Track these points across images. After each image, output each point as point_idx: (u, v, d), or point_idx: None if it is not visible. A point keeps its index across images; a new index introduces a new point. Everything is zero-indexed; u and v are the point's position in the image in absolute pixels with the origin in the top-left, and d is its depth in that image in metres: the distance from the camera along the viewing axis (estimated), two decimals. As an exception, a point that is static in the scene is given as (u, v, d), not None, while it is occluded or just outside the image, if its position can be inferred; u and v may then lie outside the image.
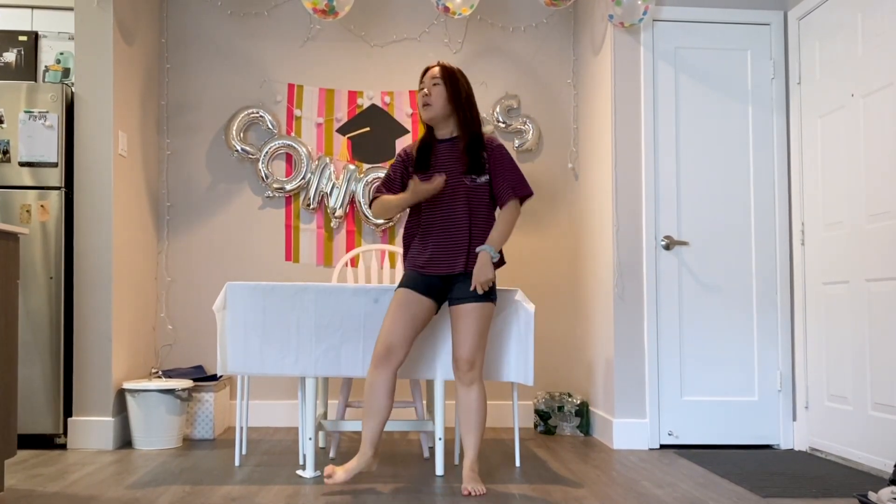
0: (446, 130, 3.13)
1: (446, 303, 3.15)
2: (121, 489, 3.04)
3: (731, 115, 4.15)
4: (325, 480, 2.97)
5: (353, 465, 3.01)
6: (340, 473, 2.98)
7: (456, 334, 3.04)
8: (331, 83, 4.75)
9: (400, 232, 4.69)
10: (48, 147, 3.86)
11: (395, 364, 3.02)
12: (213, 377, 4.32)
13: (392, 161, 3.21)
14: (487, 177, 3.09)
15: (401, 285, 3.08)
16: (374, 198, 3.17)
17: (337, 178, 4.65)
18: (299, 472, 3.33)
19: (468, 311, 3.01)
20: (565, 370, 4.75)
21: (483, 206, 3.10)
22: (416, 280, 3.06)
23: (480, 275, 2.99)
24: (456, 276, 3.06)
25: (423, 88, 3.10)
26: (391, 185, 3.17)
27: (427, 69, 3.13)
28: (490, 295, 3.04)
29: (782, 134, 4.15)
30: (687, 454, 3.85)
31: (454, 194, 3.06)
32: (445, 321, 3.30)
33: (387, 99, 4.74)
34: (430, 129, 3.17)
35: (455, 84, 3.08)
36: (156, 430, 3.88)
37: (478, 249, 3.03)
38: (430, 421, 3.47)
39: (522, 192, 3.11)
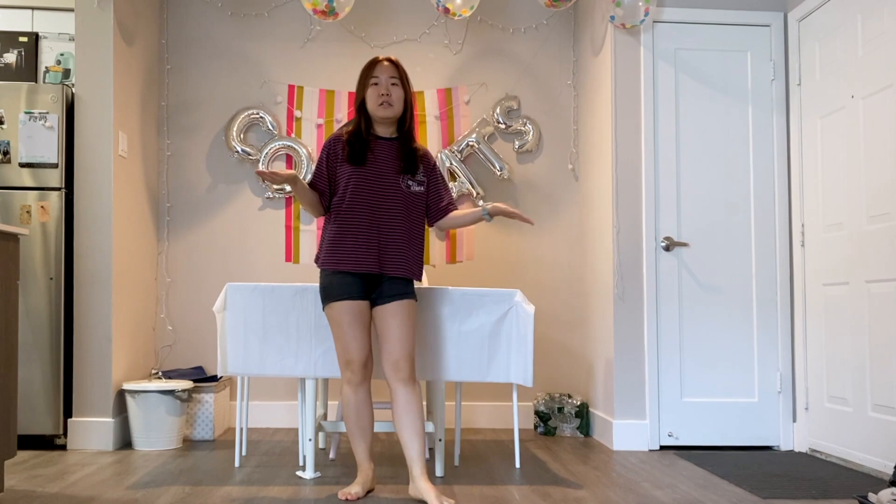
0: (389, 129, 3.07)
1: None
2: (121, 490, 3.04)
3: (732, 117, 4.15)
4: (347, 497, 2.90)
5: (364, 481, 2.99)
6: (358, 489, 2.94)
7: (389, 333, 2.95)
8: (331, 84, 4.76)
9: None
10: (48, 148, 3.86)
11: (370, 378, 3.03)
12: (213, 378, 4.32)
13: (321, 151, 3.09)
14: (423, 188, 3.07)
15: (336, 298, 2.95)
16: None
17: (337, 179, 4.65)
18: (299, 472, 3.33)
19: (398, 310, 2.96)
20: (565, 371, 4.75)
21: (419, 214, 3.07)
22: (350, 285, 2.95)
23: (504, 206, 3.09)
24: (382, 275, 3.00)
25: (377, 84, 2.99)
26: (317, 179, 3.05)
27: (377, 61, 3.02)
28: (413, 292, 3.03)
29: (782, 135, 4.15)
30: (687, 455, 3.85)
31: (393, 194, 3.00)
32: (447, 323, 3.30)
33: (387, 100, 4.73)
34: (366, 123, 3.05)
35: (408, 87, 3.05)
36: (156, 430, 3.88)
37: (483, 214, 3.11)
38: (430, 422, 3.47)
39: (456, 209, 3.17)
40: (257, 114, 4.65)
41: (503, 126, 4.74)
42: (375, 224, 2.98)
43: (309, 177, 4.59)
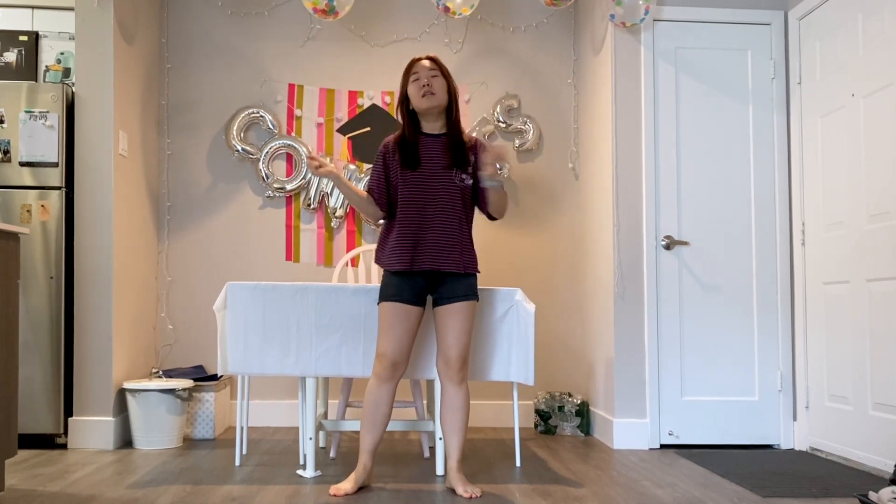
0: (436, 125, 3.10)
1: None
2: (121, 489, 3.05)
3: (732, 115, 4.15)
4: (336, 494, 2.94)
5: (357, 476, 3.02)
6: (349, 485, 2.97)
7: (446, 333, 3.02)
8: (331, 83, 4.75)
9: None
10: (49, 147, 3.86)
11: (399, 377, 3.05)
12: (214, 377, 4.32)
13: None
14: (472, 180, 3.09)
15: (386, 298, 3.02)
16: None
17: (337, 178, 4.65)
18: (299, 471, 3.33)
19: (458, 311, 3.01)
20: (565, 370, 4.75)
21: (470, 208, 3.12)
22: (402, 288, 3.01)
23: (498, 150, 2.93)
24: (443, 275, 3.05)
25: (418, 79, 3.04)
26: (373, 185, 3.12)
27: (415, 61, 3.08)
28: (475, 294, 3.06)
29: (783, 134, 4.15)
30: (687, 454, 3.85)
31: (445, 190, 3.03)
32: (446, 321, 3.30)
33: (387, 99, 4.74)
34: (413, 125, 3.11)
35: (449, 77, 3.10)
36: (156, 429, 3.88)
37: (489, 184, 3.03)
38: (431, 421, 3.47)
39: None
40: (257, 113, 4.65)
41: (503, 125, 4.74)
42: (429, 222, 3.02)
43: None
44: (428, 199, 3.03)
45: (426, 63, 3.07)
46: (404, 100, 3.10)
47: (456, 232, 3.04)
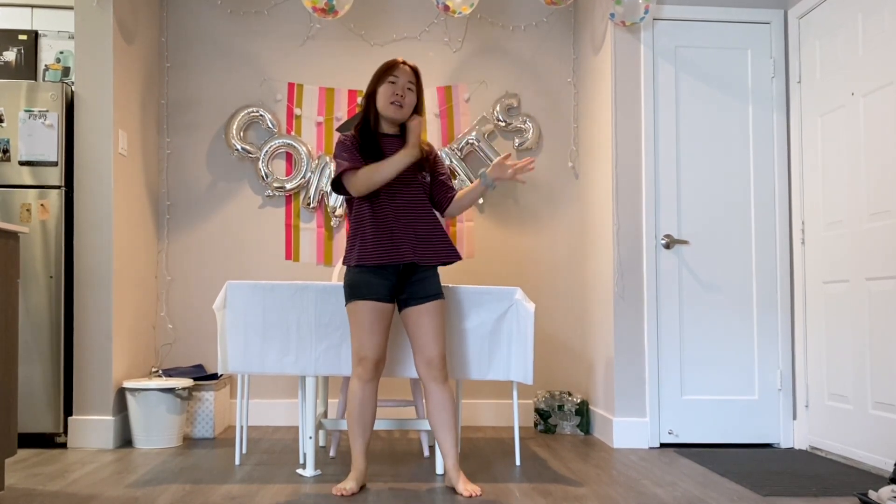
0: (394, 129, 3.14)
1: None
2: (121, 488, 3.05)
3: (732, 114, 4.15)
4: (342, 493, 2.94)
5: (358, 476, 3.03)
6: (353, 484, 2.98)
7: (422, 334, 3.02)
8: (331, 82, 4.75)
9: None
10: (48, 146, 3.86)
11: (380, 376, 3.07)
12: (214, 376, 4.32)
13: (338, 147, 3.07)
14: (429, 179, 3.16)
15: (361, 297, 2.99)
16: (345, 171, 2.99)
17: (337, 177, 4.65)
18: (299, 471, 3.33)
19: (432, 310, 3.03)
20: (565, 369, 4.75)
21: (429, 203, 3.18)
22: (375, 286, 3.00)
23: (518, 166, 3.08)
24: (411, 275, 3.05)
25: (394, 83, 3.04)
26: (356, 164, 3.01)
27: (399, 63, 3.07)
28: (442, 293, 3.08)
29: (782, 133, 4.15)
30: (687, 453, 3.85)
31: (411, 187, 3.07)
32: (448, 321, 3.29)
33: (387, 98, 4.73)
34: (371, 121, 3.11)
35: (422, 94, 3.13)
36: (156, 429, 3.88)
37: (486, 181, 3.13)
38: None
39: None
40: (257, 112, 4.65)
41: (503, 124, 4.74)
42: (402, 216, 3.04)
43: (331, 172, 4.62)
44: (396, 195, 3.05)
45: (408, 72, 3.07)
46: (373, 92, 3.09)
47: (430, 225, 3.08)
